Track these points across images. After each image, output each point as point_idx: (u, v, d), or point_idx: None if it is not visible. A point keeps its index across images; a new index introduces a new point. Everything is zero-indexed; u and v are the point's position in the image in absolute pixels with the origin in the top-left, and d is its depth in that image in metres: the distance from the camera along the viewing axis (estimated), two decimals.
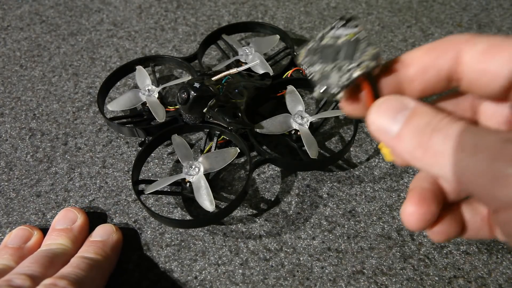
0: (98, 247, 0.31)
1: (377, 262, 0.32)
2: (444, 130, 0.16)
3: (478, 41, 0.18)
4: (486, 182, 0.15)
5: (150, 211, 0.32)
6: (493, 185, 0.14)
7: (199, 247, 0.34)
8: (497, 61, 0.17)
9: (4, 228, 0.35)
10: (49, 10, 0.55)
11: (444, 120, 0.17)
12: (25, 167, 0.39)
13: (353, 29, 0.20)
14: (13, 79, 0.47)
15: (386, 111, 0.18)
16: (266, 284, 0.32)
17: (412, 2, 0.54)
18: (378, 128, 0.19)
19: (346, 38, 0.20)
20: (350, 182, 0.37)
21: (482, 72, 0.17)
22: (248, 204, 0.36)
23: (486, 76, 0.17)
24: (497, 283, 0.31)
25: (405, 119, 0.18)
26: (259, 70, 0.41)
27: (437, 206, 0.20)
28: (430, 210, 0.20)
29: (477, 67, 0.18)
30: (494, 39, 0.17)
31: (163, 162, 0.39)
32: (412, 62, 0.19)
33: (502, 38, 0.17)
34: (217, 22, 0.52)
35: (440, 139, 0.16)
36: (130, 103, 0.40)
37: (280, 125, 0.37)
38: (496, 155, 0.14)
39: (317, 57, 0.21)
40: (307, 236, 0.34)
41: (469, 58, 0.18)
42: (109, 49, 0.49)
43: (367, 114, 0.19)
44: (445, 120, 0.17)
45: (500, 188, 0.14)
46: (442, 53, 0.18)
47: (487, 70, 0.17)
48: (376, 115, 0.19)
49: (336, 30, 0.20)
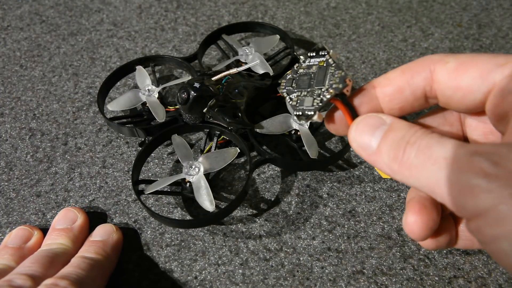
0: (98, 247, 0.31)
1: (377, 262, 0.32)
2: (417, 144, 0.17)
3: (449, 60, 0.19)
4: (456, 193, 0.15)
5: (150, 211, 0.32)
6: (461, 196, 0.15)
7: (199, 247, 0.34)
8: (467, 78, 0.18)
9: (4, 228, 0.35)
10: (49, 10, 0.55)
11: (417, 133, 0.18)
12: (25, 167, 0.39)
13: (323, 58, 0.22)
14: (13, 79, 0.47)
15: (364, 128, 0.19)
16: (266, 284, 0.32)
17: (412, 2, 0.54)
18: (358, 145, 0.20)
19: (318, 66, 0.22)
20: (350, 182, 0.37)
21: (455, 89, 0.18)
22: (248, 204, 0.36)
23: (460, 92, 0.18)
24: (497, 283, 0.31)
25: (383, 134, 0.19)
26: (259, 70, 0.41)
27: (437, 213, 0.21)
28: (432, 217, 0.21)
29: (450, 84, 0.19)
30: (464, 57, 0.18)
31: (163, 162, 0.39)
32: (389, 83, 0.20)
33: (471, 55, 0.18)
34: (217, 22, 0.52)
35: (413, 153, 0.17)
36: (130, 103, 0.40)
37: (280, 125, 0.37)
38: (464, 167, 0.15)
39: (294, 86, 0.23)
40: (307, 236, 0.34)
41: (442, 76, 0.19)
42: (109, 49, 0.49)
43: (348, 133, 0.20)
44: (418, 133, 0.18)
45: (467, 199, 0.15)
46: (416, 73, 0.20)
47: (459, 86, 0.18)
48: (355, 133, 0.20)
49: (310, 60, 0.22)
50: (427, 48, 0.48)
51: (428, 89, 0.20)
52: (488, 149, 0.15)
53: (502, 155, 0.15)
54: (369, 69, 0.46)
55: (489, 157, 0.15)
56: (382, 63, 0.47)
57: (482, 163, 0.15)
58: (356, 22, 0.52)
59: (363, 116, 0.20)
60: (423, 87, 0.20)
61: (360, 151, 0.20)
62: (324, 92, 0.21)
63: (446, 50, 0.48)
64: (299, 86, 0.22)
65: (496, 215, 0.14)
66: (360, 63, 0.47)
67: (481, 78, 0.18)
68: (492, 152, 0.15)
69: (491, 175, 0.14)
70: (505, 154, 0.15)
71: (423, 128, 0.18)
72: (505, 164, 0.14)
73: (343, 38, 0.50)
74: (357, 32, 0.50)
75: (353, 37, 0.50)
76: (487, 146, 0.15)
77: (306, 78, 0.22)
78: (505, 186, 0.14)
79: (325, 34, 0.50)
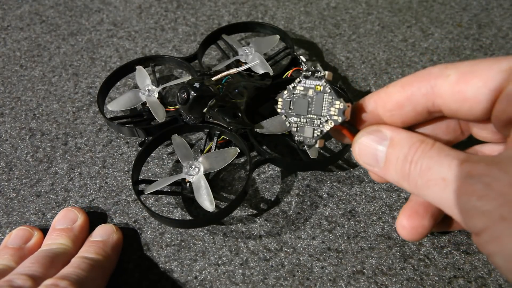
0: (98, 247, 0.31)
1: (377, 262, 0.32)
2: (419, 164, 0.18)
3: (449, 72, 0.18)
4: (457, 213, 0.17)
5: (150, 211, 0.32)
6: (462, 216, 0.16)
7: (199, 247, 0.34)
8: (472, 88, 0.18)
9: (4, 228, 0.35)
10: (49, 10, 0.55)
11: (418, 153, 0.18)
12: (25, 167, 0.39)
13: (319, 81, 0.22)
14: (13, 79, 0.47)
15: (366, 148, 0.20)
16: (266, 284, 0.32)
17: (412, 2, 0.54)
18: (364, 163, 0.20)
19: (314, 90, 0.22)
20: (350, 182, 0.37)
21: (461, 102, 0.18)
22: (248, 204, 0.36)
23: (466, 104, 0.18)
24: (497, 283, 0.31)
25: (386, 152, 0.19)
26: (259, 70, 0.41)
27: (429, 220, 0.22)
28: (422, 224, 0.22)
29: (454, 98, 0.18)
30: (464, 67, 0.18)
31: (163, 162, 0.39)
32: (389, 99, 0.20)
33: (471, 63, 0.18)
34: (217, 22, 0.52)
35: (417, 174, 0.18)
36: (130, 103, 0.40)
37: (280, 125, 0.37)
38: (459, 190, 0.16)
39: (291, 108, 0.23)
40: (307, 236, 0.34)
41: (445, 91, 0.19)
42: (109, 49, 0.49)
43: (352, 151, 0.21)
44: (418, 152, 0.18)
45: (467, 219, 0.16)
46: (416, 89, 0.19)
47: (465, 98, 0.18)
48: (359, 151, 0.20)
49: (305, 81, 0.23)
50: (427, 48, 0.48)
51: (430, 105, 0.19)
52: (481, 170, 0.16)
53: (494, 177, 0.16)
54: (369, 69, 0.46)
55: (481, 180, 0.16)
56: (382, 63, 0.47)
57: (475, 186, 0.16)
58: (356, 22, 0.52)
59: (362, 132, 0.20)
60: (424, 103, 0.19)
61: (368, 168, 0.20)
62: (323, 122, 0.22)
63: (446, 50, 0.48)
64: (297, 111, 0.23)
65: (490, 235, 0.15)
66: (360, 63, 0.47)
67: (485, 87, 0.17)
68: (484, 174, 0.16)
69: (483, 197, 0.15)
70: (497, 176, 0.15)
71: (424, 143, 0.18)
72: (496, 186, 0.15)
73: (343, 38, 0.50)
74: (357, 32, 0.50)
75: (353, 37, 0.50)
76: (481, 166, 0.16)
77: (304, 102, 0.22)
78: (497, 208, 0.15)
79: (325, 34, 0.50)
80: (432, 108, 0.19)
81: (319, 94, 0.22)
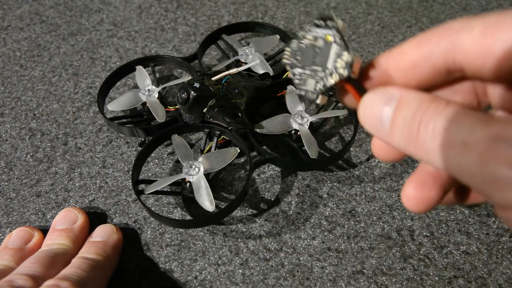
0: (99, 247, 0.31)
1: (377, 262, 0.32)
2: (431, 124, 0.16)
3: (474, 25, 0.16)
4: (480, 182, 0.14)
5: (150, 211, 0.32)
6: (487, 187, 0.14)
7: (199, 247, 0.34)
8: (499, 42, 0.15)
9: (4, 228, 0.35)
10: (49, 10, 0.55)
11: (430, 111, 0.16)
12: (25, 167, 0.39)
13: (330, 30, 0.20)
14: (13, 79, 0.47)
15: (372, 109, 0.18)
16: (266, 284, 0.32)
17: (412, 2, 0.54)
18: (370, 126, 0.18)
19: (324, 40, 0.20)
20: (350, 182, 0.37)
21: (486, 57, 0.16)
22: (248, 204, 0.36)
23: (492, 59, 0.16)
24: (497, 283, 0.31)
25: (393, 113, 0.17)
26: (259, 70, 0.41)
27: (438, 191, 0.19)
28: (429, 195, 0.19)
29: (479, 53, 0.16)
30: (490, 19, 0.16)
31: (163, 162, 0.39)
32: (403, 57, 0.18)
33: (499, 14, 0.16)
34: (217, 22, 0.52)
35: (428, 136, 0.16)
36: (130, 103, 0.40)
37: (280, 125, 0.37)
38: (485, 156, 0.14)
39: (297, 59, 0.21)
40: (307, 236, 0.34)
41: (468, 45, 0.16)
42: (109, 49, 0.49)
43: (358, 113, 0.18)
44: (430, 110, 0.16)
45: (494, 191, 0.14)
46: (435, 46, 0.17)
47: (491, 53, 0.16)
48: (364, 113, 0.18)
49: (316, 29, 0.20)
50: None
51: (450, 63, 0.17)
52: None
53: None
54: None
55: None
56: None
57: (507, 152, 0.13)
58: (356, 22, 0.52)
59: (369, 93, 0.18)
60: (444, 60, 0.17)
61: (373, 132, 0.18)
62: (327, 75, 0.20)
63: None
64: (303, 62, 0.21)
65: None
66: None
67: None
68: None
69: None
70: None
71: (436, 101, 0.16)
72: None
73: None
74: (357, 32, 0.50)
75: (353, 37, 0.50)
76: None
77: (311, 52, 0.20)
78: None
79: None
80: (452, 67, 0.17)
81: (328, 44, 0.20)
